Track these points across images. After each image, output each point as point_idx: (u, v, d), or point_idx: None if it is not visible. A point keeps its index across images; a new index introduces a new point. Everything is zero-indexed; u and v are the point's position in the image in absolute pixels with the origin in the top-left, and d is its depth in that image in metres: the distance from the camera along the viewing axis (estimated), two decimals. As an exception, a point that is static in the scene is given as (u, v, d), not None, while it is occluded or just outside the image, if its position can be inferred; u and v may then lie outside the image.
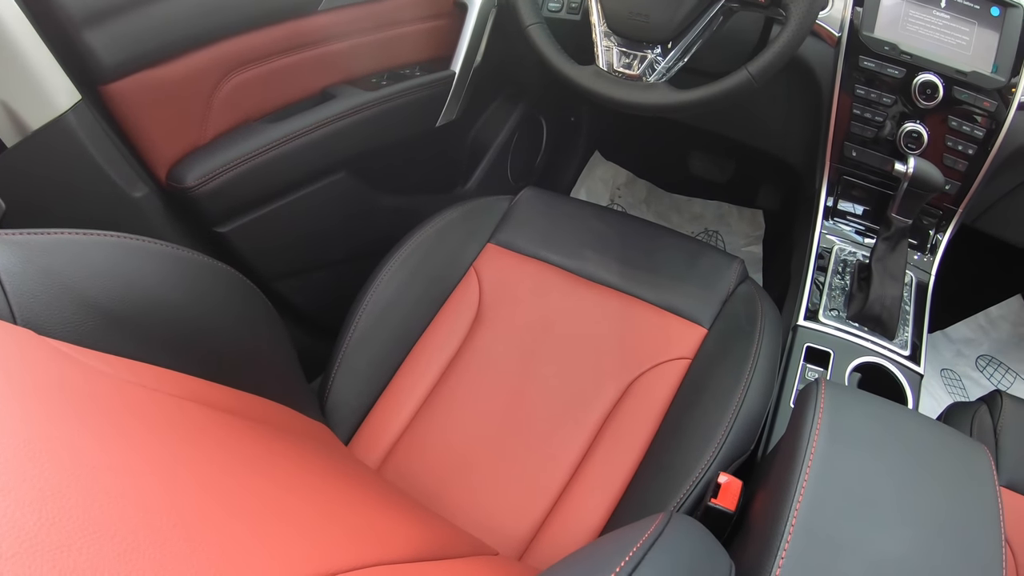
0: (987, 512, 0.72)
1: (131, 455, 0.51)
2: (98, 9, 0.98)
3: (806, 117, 1.49)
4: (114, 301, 0.71)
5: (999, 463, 1.10)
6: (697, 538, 0.67)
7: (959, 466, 0.77)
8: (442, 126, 1.56)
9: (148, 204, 1.12)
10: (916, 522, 0.69)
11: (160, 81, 1.07)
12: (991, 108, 1.28)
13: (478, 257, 1.32)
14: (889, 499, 0.71)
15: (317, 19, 1.25)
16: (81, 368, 0.61)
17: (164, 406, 0.65)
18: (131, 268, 0.75)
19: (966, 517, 0.71)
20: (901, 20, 1.32)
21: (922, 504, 0.71)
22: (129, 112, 1.07)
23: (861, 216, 1.49)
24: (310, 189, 1.33)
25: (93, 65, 1.00)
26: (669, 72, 1.17)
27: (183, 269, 0.81)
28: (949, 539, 0.68)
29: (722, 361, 1.13)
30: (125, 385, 0.64)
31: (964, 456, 0.79)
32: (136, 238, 0.77)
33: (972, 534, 0.69)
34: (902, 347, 1.28)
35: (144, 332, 0.72)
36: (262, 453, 0.69)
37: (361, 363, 1.15)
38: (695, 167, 2.38)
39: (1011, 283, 2.14)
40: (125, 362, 0.67)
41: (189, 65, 1.10)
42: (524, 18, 1.26)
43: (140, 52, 1.04)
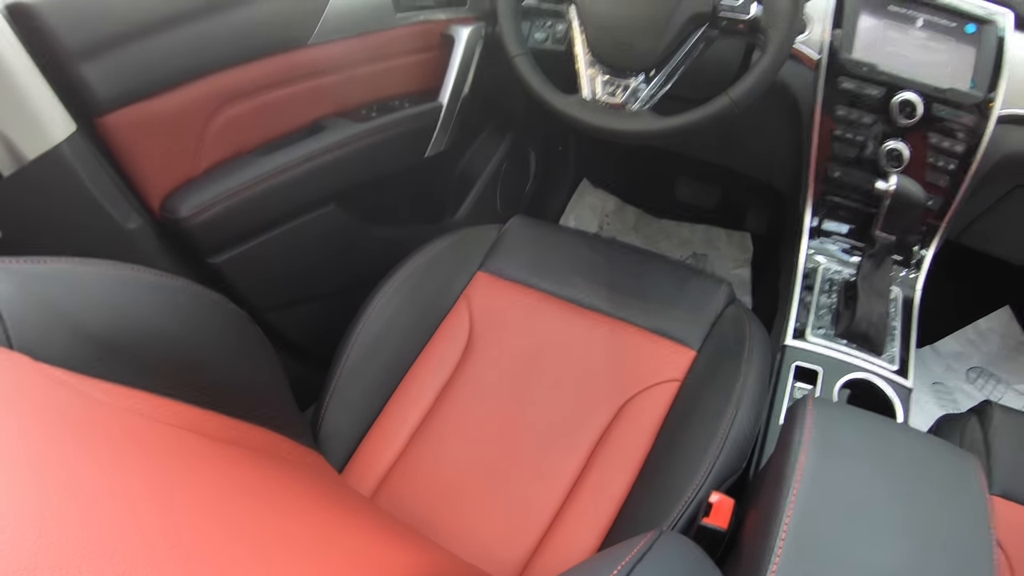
0: (977, 520, 0.73)
1: (129, 480, 0.51)
2: (94, 42, 1.00)
3: (789, 140, 1.51)
4: (110, 329, 0.71)
5: (992, 473, 1.10)
6: (686, 554, 0.68)
7: (948, 476, 0.78)
8: (431, 157, 1.57)
9: (142, 235, 1.13)
10: (906, 532, 0.70)
11: (154, 113, 1.09)
12: (970, 123, 1.30)
13: (468, 286, 1.32)
14: (878, 511, 0.72)
15: (308, 52, 1.27)
16: (78, 395, 0.62)
17: (160, 433, 0.65)
18: (126, 297, 0.76)
19: (956, 526, 0.72)
20: (879, 41, 1.34)
21: (912, 514, 0.72)
22: (123, 143, 1.08)
23: (846, 235, 1.51)
24: (301, 220, 1.34)
25: (88, 97, 1.02)
26: (652, 99, 1.19)
27: (177, 298, 0.82)
28: (940, 548, 0.69)
29: (711, 382, 1.14)
30: (121, 412, 0.64)
31: (952, 466, 0.80)
32: (131, 267, 0.78)
33: (963, 542, 0.70)
34: (890, 362, 1.30)
35: (139, 360, 0.73)
36: (258, 479, 0.69)
37: (353, 393, 1.16)
38: (682, 193, 2.41)
39: (998, 295, 2.16)
40: (121, 389, 0.68)
41: (183, 98, 1.12)
42: (510, 49, 1.29)
43: (135, 84, 1.06)
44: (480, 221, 1.46)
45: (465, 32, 1.51)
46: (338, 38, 1.31)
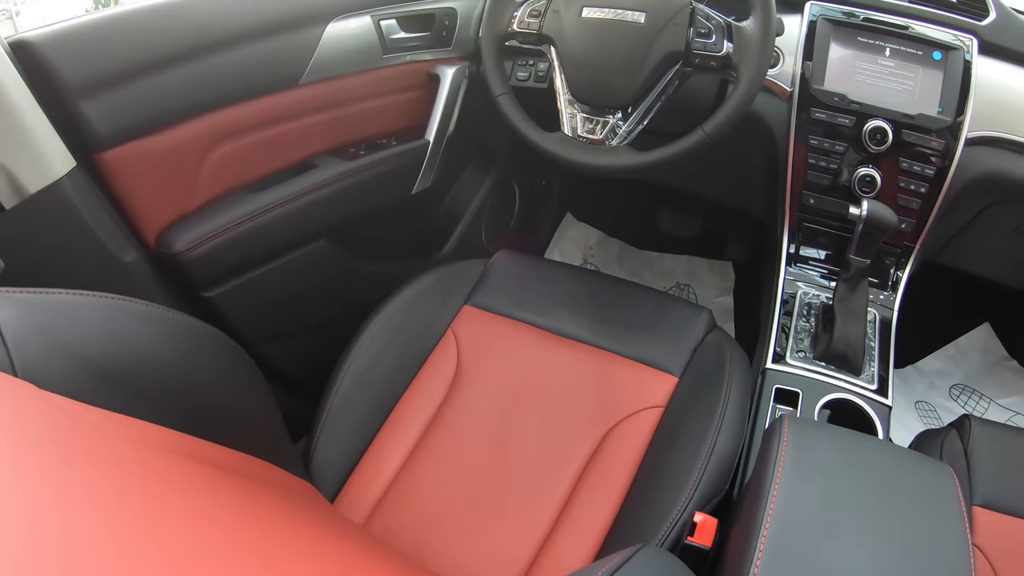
0: (953, 528, 0.74)
1: (124, 504, 0.52)
2: (95, 80, 1.03)
3: (765, 169, 1.54)
4: (107, 358, 0.73)
5: (973, 484, 1.12)
6: (664, 566, 0.69)
7: (922, 486, 0.80)
8: (418, 193, 1.60)
9: (138, 268, 1.15)
10: (882, 542, 0.71)
11: (151, 150, 1.12)
12: (940, 147, 1.33)
13: (455, 319, 1.35)
14: (854, 522, 0.73)
15: (299, 92, 1.31)
16: (77, 422, 0.63)
17: (155, 459, 0.66)
18: (123, 327, 0.77)
19: (931, 533, 0.73)
20: (849, 71, 1.38)
21: (887, 524, 0.73)
22: (121, 179, 1.11)
23: (824, 260, 1.54)
24: (292, 256, 1.37)
25: (89, 134, 1.05)
26: (630, 135, 1.23)
27: (172, 330, 0.83)
28: (916, 556, 0.70)
29: (693, 407, 1.16)
30: (118, 439, 0.65)
31: (927, 477, 0.82)
32: (128, 300, 0.79)
33: (939, 549, 0.71)
34: (869, 382, 1.31)
35: (135, 389, 0.74)
36: (251, 505, 0.70)
37: (344, 425, 1.17)
38: (664, 224, 2.43)
39: (978, 312, 2.18)
40: (117, 417, 0.69)
41: (179, 135, 1.15)
42: (493, 89, 1.33)
43: (133, 122, 1.09)
44: (466, 255, 1.48)
45: (450, 72, 1.55)
46: (328, 78, 1.34)
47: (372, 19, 1.40)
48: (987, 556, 1.05)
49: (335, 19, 1.33)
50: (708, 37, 1.16)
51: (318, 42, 1.30)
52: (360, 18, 1.38)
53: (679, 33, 1.16)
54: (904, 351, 1.90)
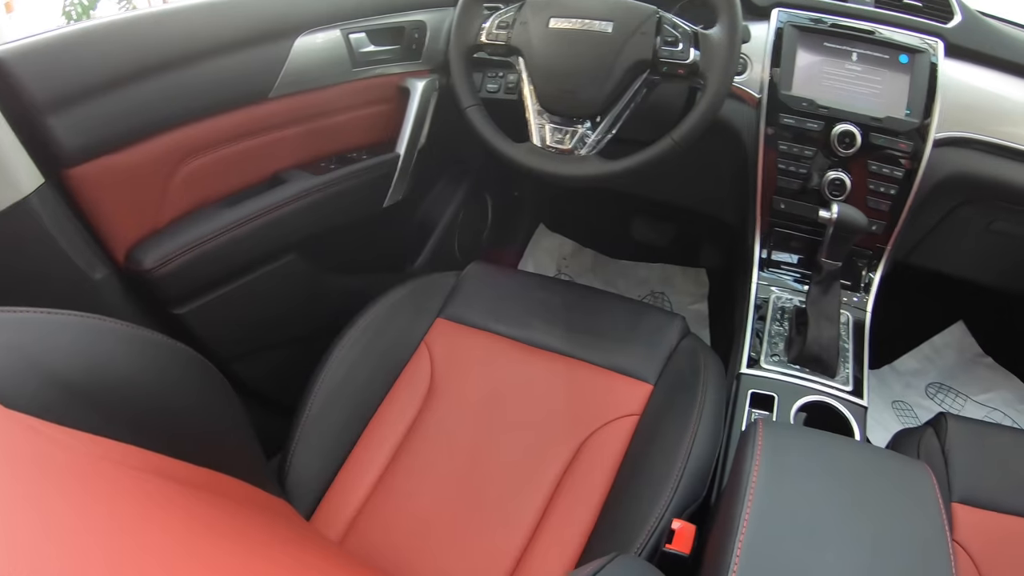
0: (932, 526, 0.74)
1: (100, 523, 0.52)
2: (63, 96, 1.02)
3: (736, 175, 1.55)
4: (78, 378, 0.72)
5: (951, 481, 1.13)
6: (639, 574, 0.70)
7: (899, 485, 0.80)
8: (389, 206, 1.60)
9: (107, 285, 1.14)
10: (859, 541, 0.72)
11: (120, 166, 1.11)
12: (908, 149, 1.35)
13: (428, 332, 1.34)
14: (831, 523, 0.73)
15: (268, 106, 1.30)
16: (48, 442, 0.62)
17: (130, 478, 0.65)
18: (94, 346, 0.76)
19: (910, 533, 0.73)
20: (816, 76, 1.40)
21: (865, 525, 0.74)
22: (90, 196, 1.10)
23: (796, 264, 1.55)
24: (263, 271, 1.36)
25: (56, 150, 1.03)
26: (599, 144, 1.23)
27: (143, 348, 0.82)
28: (894, 553, 0.71)
29: (669, 414, 1.16)
30: (91, 459, 0.64)
31: (904, 476, 0.82)
32: (99, 318, 0.78)
33: (916, 545, 0.72)
34: (844, 383, 1.32)
35: (106, 408, 0.73)
36: (227, 522, 0.69)
37: (318, 440, 1.16)
38: (637, 232, 2.45)
39: (952, 311, 2.21)
40: (89, 437, 0.68)
41: (148, 151, 1.14)
42: (463, 100, 1.33)
43: (102, 138, 1.08)
44: (439, 268, 1.48)
45: (420, 84, 1.55)
46: (297, 92, 1.34)
47: (341, 32, 1.39)
48: (968, 552, 1.06)
49: (304, 33, 1.32)
50: (675, 45, 1.17)
51: (287, 56, 1.30)
52: (329, 31, 1.37)
53: (646, 42, 1.17)
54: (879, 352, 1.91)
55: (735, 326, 1.53)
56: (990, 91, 1.38)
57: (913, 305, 2.06)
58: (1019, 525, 1.09)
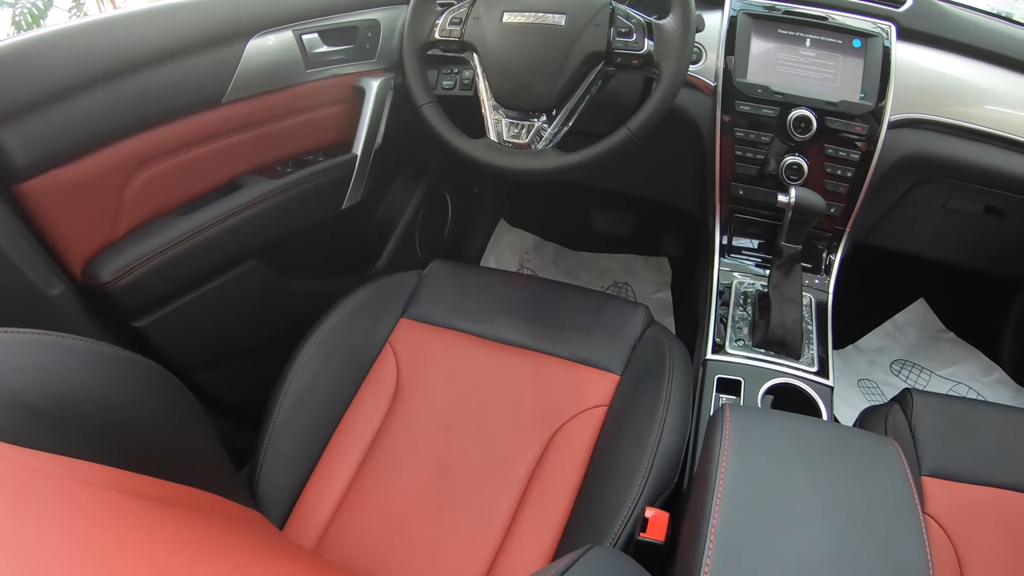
0: (902, 500, 0.75)
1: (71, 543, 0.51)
2: (11, 109, 1.00)
3: (694, 164, 1.56)
4: (39, 397, 0.70)
5: (919, 455, 1.15)
6: (614, 565, 0.70)
7: (868, 462, 0.81)
8: (348, 208, 1.58)
9: (65, 301, 1.12)
10: (830, 519, 0.72)
11: (73, 179, 1.08)
12: (863, 132, 1.37)
13: (392, 333, 1.34)
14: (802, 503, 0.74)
15: (222, 111, 1.28)
16: (11, 464, 0.61)
17: (99, 497, 0.64)
18: (54, 364, 0.75)
19: (881, 508, 0.74)
20: (771, 63, 1.41)
21: (835, 503, 0.74)
22: (43, 210, 1.07)
23: (757, 249, 1.56)
24: (223, 279, 1.34)
25: (7, 164, 1.01)
26: (556, 137, 1.23)
27: (104, 364, 0.81)
28: (865, 529, 0.72)
29: (637, 403, 1.17)
30: (57, 479, 0.63)
31: (872, 452, 0.83)
32: (57, 335, 0.77)
33: (888, 520, 0.73)
34: (809, 364, 1.34)
35: (70, 427, 0.72)
36: (198, 537, 0.69)
37: (287, 448, 1.16)
38: (598, 224, 2.46)
39: (913, 289, 2.25)
40: (53, 458, 0.67)
41: (100, 161, 1.11)
42: (417, 99, 1.33)
43: (53, 150, 1.05)
44: (402, 268, 1.47)
45: (375, 84, 1.54)
46: (251, 95, 1.32)
47: (294, 34, 1.38)
48: (940, 524, 1.08)
49: (256, 35, 1.30)
50: (629, 36, 1.17)
51: (239, 59, 1.28)
52: (281, 33, 1.35)
53: (600, 33, 1.17)
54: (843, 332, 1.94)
55: (699, 313, 1.54)
56: (943, 72, 1.40)
57: (874, 285, 2.09)
58: (988, 495, 1.11)
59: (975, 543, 1.08)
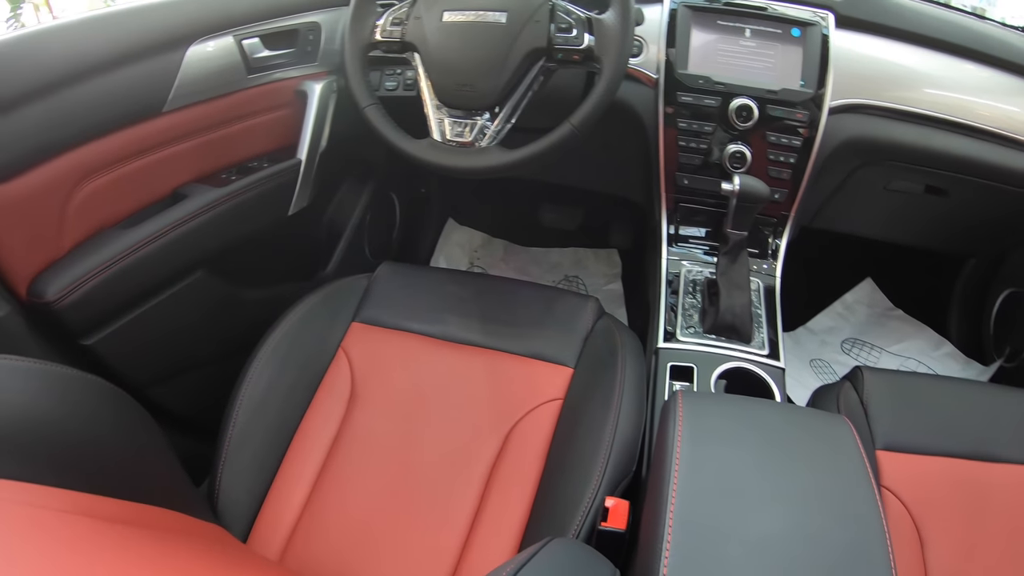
0: (854, 473, 0.77)
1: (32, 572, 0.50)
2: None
3: (639, 155, 1.57)
4: None
5: (872, 430, 1.18)
6: (574, 556, 0.71)
7: (820, 440, 0.83)
8: (296, 213, 1.57)
9: (11, 322, 1.10)
10: (787, 498, 0.74)
11: (14, 196, 1.06)
12: (804, 118, 1.39)
13: (344, 338, 1.34)
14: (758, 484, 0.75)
15: (163, 120, 1.26)
16: None
17: (55, 523, 0.64)
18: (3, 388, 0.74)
19: (836, 484, 0.76)
20: (712, 54, 1.43)
21: (791, 482, 0.76)
22: None
23: (704, 237, 1.58)
24: (172, 291, 1.32)
25: None
26: (499, 135, 1.23)
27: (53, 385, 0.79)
28: (823, 506, 0.73)
29: (591, 395, 1.18)
30: (11, 505, 0.63)
31: (823, 430, 0.85)
32: (5, 357, 0.76)
33: (844, 496, 0.74)
34: (760, 348, 1.36)
35: (22, 451, 0.71)
36: (158, 558, 0.68)
37: (245, 460, 1.15)
38: (546, 219, 2.47)
39: (860, 269, 2.29)
40: (7, 483, 0.66)
41: (42, 177, 1.09)
42: (360, 100, 1.32)
43: None
44: (352, 272, 1.47)
45: (318, 87, 1.53)
46: (193, 103, 1.31)
47: (234, 39, 1.36)
48: (898, 496, 1.11)
49: (195, 42, 1.28)
50: (569, 32, 1.18)
51: (179, 67, 1.26)
52: (221, 39, 1.34)
53: (540, 30, 1.18)
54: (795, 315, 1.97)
55: (650, 302, 1.55)
56: (881, 58, 1.44)
57: (822, 267, 2.12)
58: (941, 464, 1.15)
59: (932, 512, 1.11)
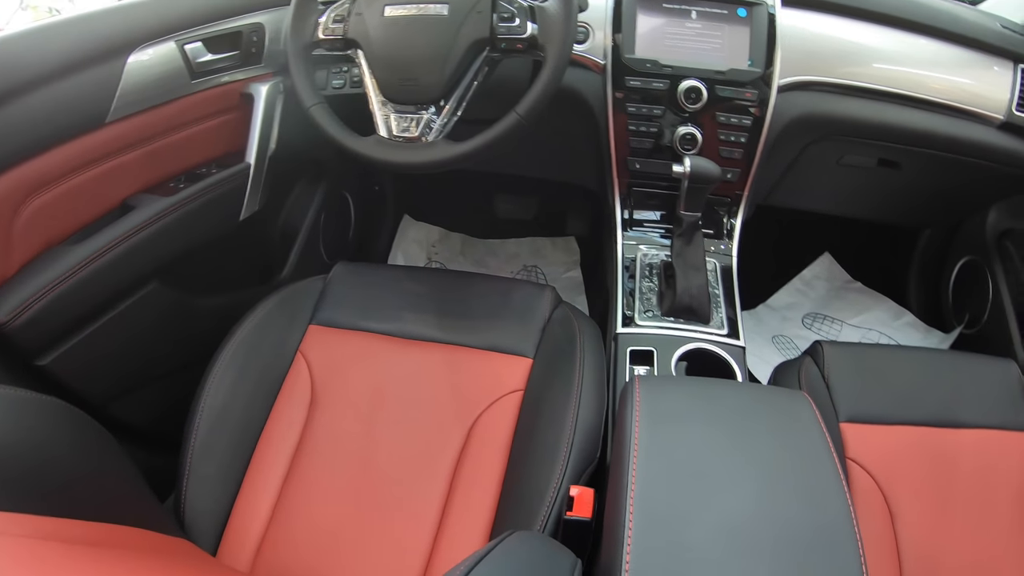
0: (816, 448, 0.78)
1: None
2: None
3: (590, 142, 1.58)
4: None
5: (835, 404, 1.20)
6: (533, 549, 0.72)
7: (778, 416, 0.84)
8: (248, 218, 1.55)
9: None
10: (748, 478, 0.74)
11: None
12: (753, 98, 1.41)
13: (302, 341, 1.33)
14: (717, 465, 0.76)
15: (107, 131, 1.24)
16: None
17: (18, 549, 0.63)
18: None
19: (797, 458, 0.77)
20: (658, 37, 1.43)
21: (752, 460, 0.77)
22: None
23: (659, 221, 1.59)
24: (126, 304, 1.30)
25: None
26: (446, 128, 1.23)
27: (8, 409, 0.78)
28: (783, 483, 0.74)
29: (552, 385, 1.19)
30: None
31: (782, 406, 0.86)
32: None
33: (806, 472, 0.75)
34: (719, 327, 1.37)
35: None
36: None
37: (209, 471, 1.14)
38: (502, 210, 2.48)
39: (817, 244, 2.32)
40: None
41: (-14, 196, 1.07)
42: (305, 100, 1.31)
43: None
44: (309, 274, 1.46)
45: (264, 89, 1.51)
46: (137, 112, 1.28)
47: (176, 44, 1.34)
48: (864, 467, 1.13)
49: (136, 49, 1.26)
50: (512, 21, 1.18)
51: (120, 76, 1.24)
52: (163, 45, 1.31)
53: (483, 20, 1.18)
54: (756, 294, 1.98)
55: (608, 288, 1.56)
56: (830, 35, 1.45)
57: (781, 245, 2.14)
58: (906, 433, 1.17)
59: (899, 480, 1.13)
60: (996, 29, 1.49)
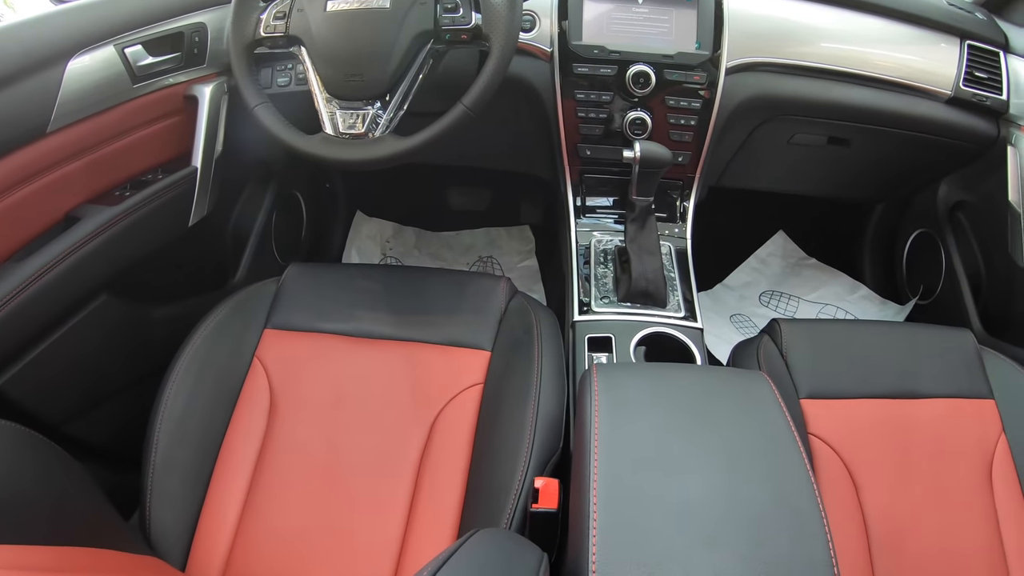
0: (775, 425, 0.79)
1: None
2: None
3: (540, 130, 1.58)
4: None
5: (795, 381, 1.21)
6: (499, 546, 0.72)
7: (736, 397, 0.85)
8: (196, 224, 1.52)
9: None
10: (709, 460, 0.75)
11: None
12: (702, 80, 1.41)
13: (258, 346, 1.31)
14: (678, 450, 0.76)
15: (47, 142, 1.20)
16: None
17: None
18: None
19: (757, 437, 0.77)
20: (605, 23, 1.43)
21: (712, 442, 0.77)
22: None
23: (612, 206, 1.60)
24: (76, 320, 1.27)
25: None
26: (392, 123, 1.22)
27: None
28: (744, 462, 0.74)
29: (511, 376, 1.19)
30: None
31: (739, 387, 0.87)
32: None
33: (765, 449, 0.76)
34: (676, 310, 1.38)
35: None
36: None
37: (173, 485, 1.12)
38: (455, 202, 2.48)
39: (771, 223, 2.35)
40: None
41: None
42: (249, 100, 1.29)
43: None
44: (263, 277, 1.44)
45: (208, 90, 1.48)
46: (78, 120, 1.25)
47: (115, 48, 1.30)
48: (826, 441, 1.15)
49: (74, 56, 1.22)
50: (456, 11, 1.17)
51: (59, 84, 1.20)
52: (102, 49, 1.28)
53: (426, 12, 1.17)
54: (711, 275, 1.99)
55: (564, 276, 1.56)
56: (776, 16, 1.47)
57: (734, 224, 2.15)
58: (865, 406, 1.19)
59: (861, 453, 1.15)
60: (943, 6, 1.52)
